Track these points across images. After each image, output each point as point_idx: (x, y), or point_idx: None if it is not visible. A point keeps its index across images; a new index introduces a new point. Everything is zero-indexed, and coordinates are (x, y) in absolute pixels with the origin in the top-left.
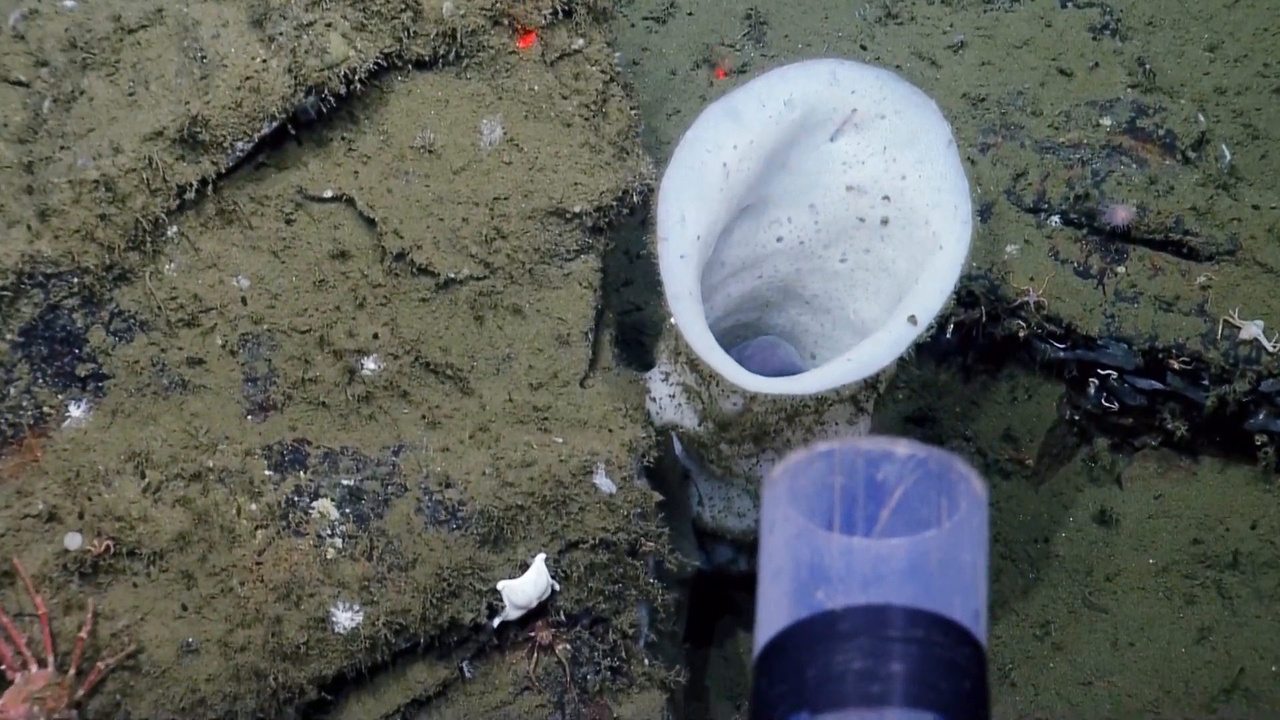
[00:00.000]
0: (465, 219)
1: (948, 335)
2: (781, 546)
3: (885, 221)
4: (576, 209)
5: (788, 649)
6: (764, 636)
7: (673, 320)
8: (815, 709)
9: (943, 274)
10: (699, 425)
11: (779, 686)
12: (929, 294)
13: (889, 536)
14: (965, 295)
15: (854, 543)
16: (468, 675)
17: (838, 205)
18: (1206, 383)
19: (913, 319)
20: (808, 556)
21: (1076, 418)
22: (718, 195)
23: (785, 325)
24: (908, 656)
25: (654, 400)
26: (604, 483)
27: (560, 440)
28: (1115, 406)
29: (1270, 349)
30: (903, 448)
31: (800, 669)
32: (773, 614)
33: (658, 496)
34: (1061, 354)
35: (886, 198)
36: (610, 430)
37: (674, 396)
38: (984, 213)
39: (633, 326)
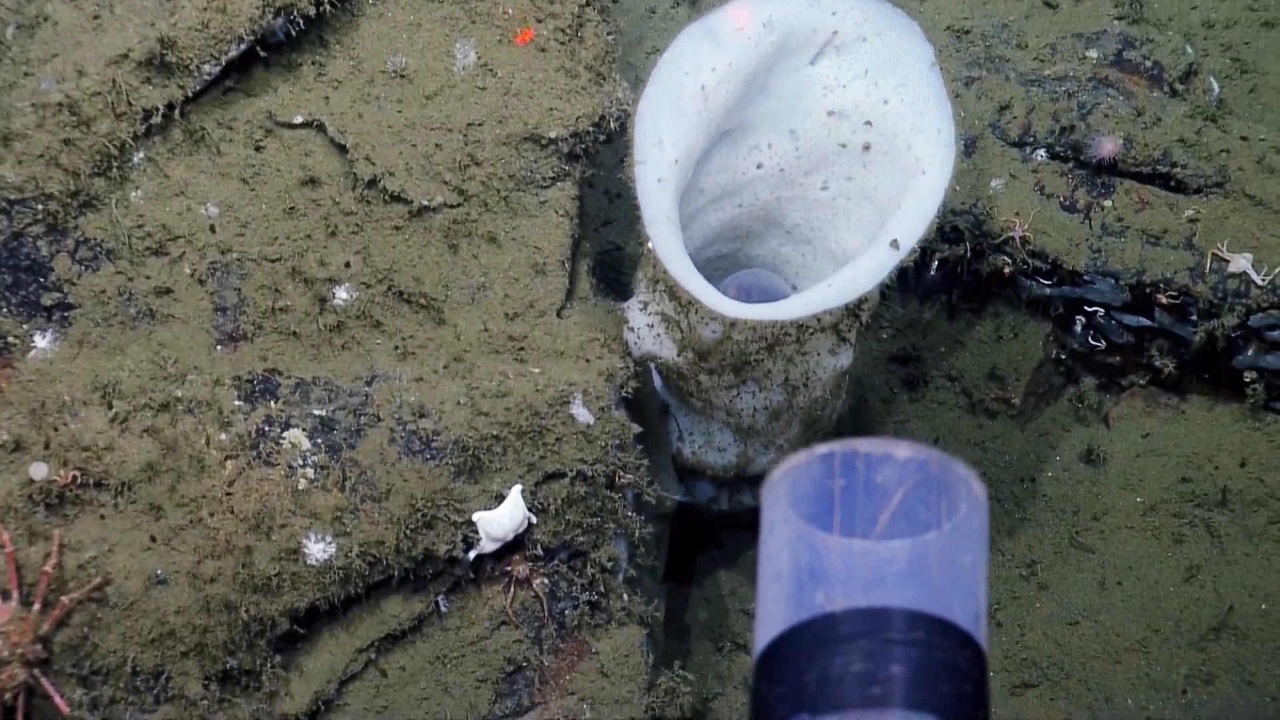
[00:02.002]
0: (438, 145)
1: (932, 273)
2: (781, 548)
3: (867, 147)
4: (552, 135)
5: (788, 651)
6: (764, 638)
7: (650, 245)
8: (815, 711)
9: (926, 198)
10: (678, 355)
11: (779, 688)
12: (912, 219)
13: (889, 539)
14: (950, 231)
15: (854, 545)
16: (443, 609)
17: (819, 130)
18: (1194, 318)
19: (895, 243)
20: (808, 559)
21: (1063, 357)
22: (696, 118)
23: (766, 256)
24: (908, 659)
25: (632, 330)
26: (581, 413)
27: (536, 370)
28: (1102, 345)
29: (1259, 282)
30: (903, 450)
31: (800, 671)
32: (772, 616)
33: (636, 428)
34: (1047, 291)
35: (868, 122)
36: (587, 360)
37: (652, 326)
38: (968, 147)
39: (612, 266)
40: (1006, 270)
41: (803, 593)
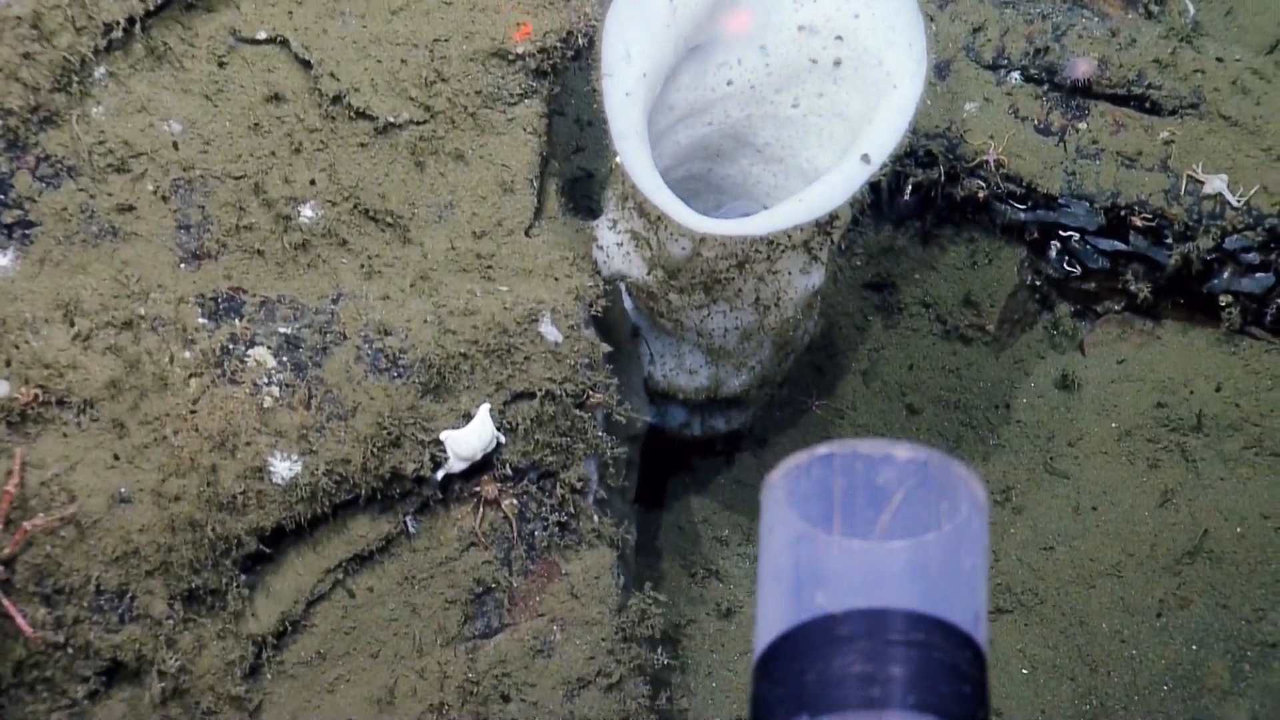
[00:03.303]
0: (404, 61)
1: (906, 198)
2: (781, 549)
3: (838, 63)
4: (519, 50)
5: (788, 652)
6: (764, 639)
7: (618, 160)
8: (815, 712)
9: (897, 113)
10: (648, 274)
11: (779, 689)
12: (883, 133)
13: (889, 540)
14: (924, 155)
15: (854, 546)
16: (411, 530)
17: (789, 46)
18: (1170, 241)
19: (866, 158)
20: (808, 559)
21: (1038, 283)
22: (664, 31)
23: (737, 176)
24: (908, 660)
25: (601, 249)
26: (550, 331)
27: (504, 289)
28: (1077, 270)
29: (1234, 204)
30: (903, 451)
31: (800, 672)
32: (773, 617)
33: (606, 347)
34: (1022, 215)
35: (839, 37)
36: (556, 279)
37: (621, 244)
38: (942, 70)
39: (583, 193)
40: (981, 195)
41: (803, 593)
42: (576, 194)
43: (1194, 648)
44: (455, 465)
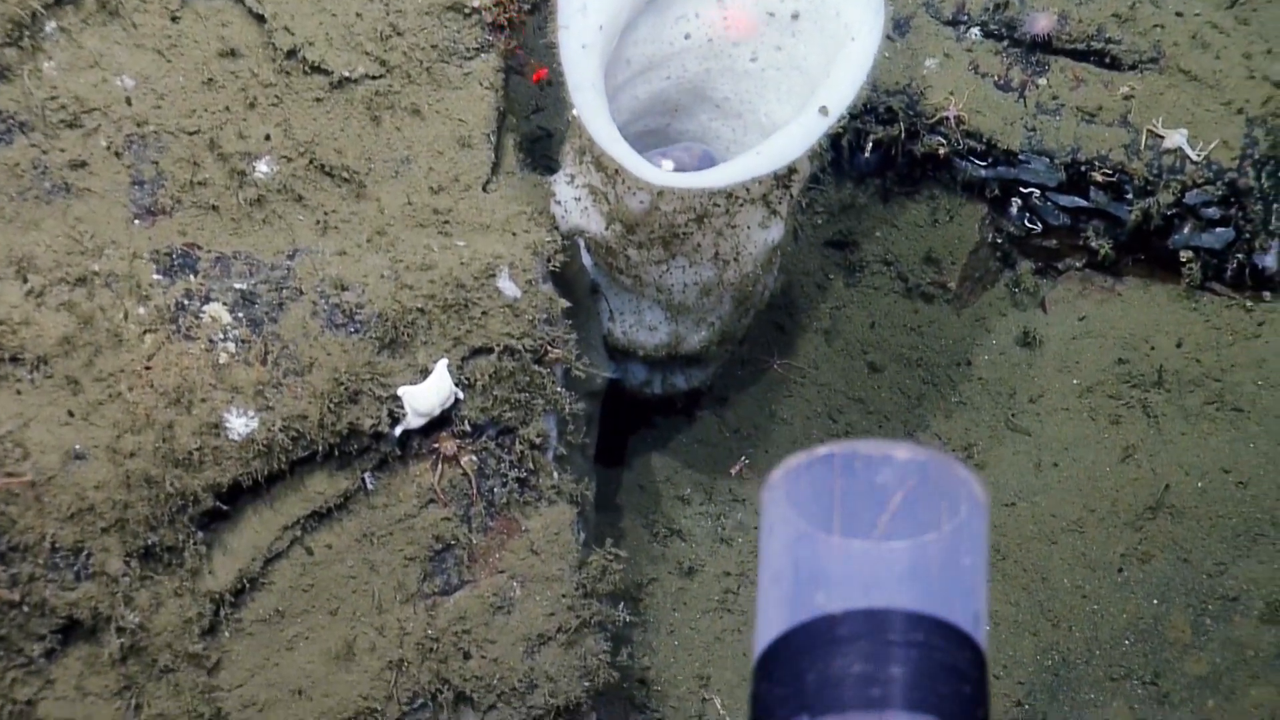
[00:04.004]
0: (359, 14)
1: (866, 155)
2: (781, 550)
3: (796, 16)
4: (475, 3)
5: (787, 652)
6: (764, 640)
7: (575, 113)
8: (815, 712)
9: (855, 64)
10: (606, 228)
11: (779, 690)
12: (841, 85)
13: (889, 540)
14: (884, 112)
15: (854, 546)
16: (370, 487)
17: None
18: (1130, 197)
19: (824, 110)
20: (808, 560)
21: (999, 241)
22: None
23: (696, 131)
24: (908, 660)
25: (559, 204)
26: (508, 286)
27: (462, 244)
28: (1038, 227)
29: (1194, 158)
30: (903, 452)
31: (800, 672)
32: (772, 617)
33: (564, 303)
34: (983, 172)
35: None
36: (514, 234)
37: (579, 199)
38: (902, 27)
39: (543, 154)
40: (941, 151)
41: (803, 594)
42: (536, 153)
43: (1155, 602)
44: (413, 421)
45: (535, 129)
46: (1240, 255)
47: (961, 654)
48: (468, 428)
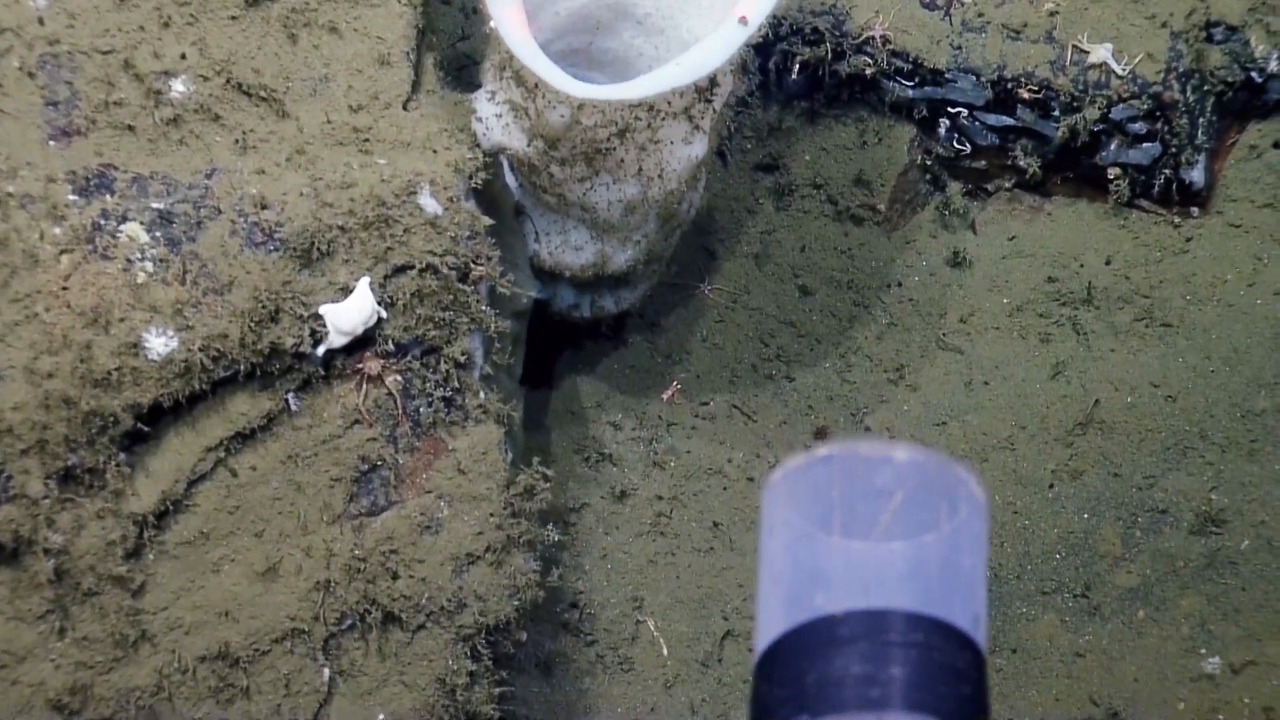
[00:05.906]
0: None
1: (793, 77)
2: (781, 550)
3: None
4: None
5: (787, 653)
6: (763, 640)
7: (492, 25)
8: (815, 713)
9: None
10: (528, 145)
11: (778, 691)
12: None
13: (889, 541)
14: (810, 33)
15: (854, 547)
16: (293, 408)
17: None
18: (1057, 114)
19: (743, 20)
20: (807, 560)
21: (929, 163)
22: None
23: (618, 49)
24: (907, 661)
25: (480, 121)
26: (429, 203)
27: (382, 161)
28: (967, 148)
29: (1120, 72)
30: (902, 452)
31: (800, 673)
32: (772, 618)
33: (488, 220)
34: (910, 92)
35: None
36: (435, 151)
37: (500, 115)
38: None
39: (469, 84)
40: (868, 72)
41: (803, 594)
42: (462, 80)
43: (1086, 516)
44: (336, 340)
45: (460, 56)
46: (1167, 171)
47: (961, 655)
48: (391, 347)
